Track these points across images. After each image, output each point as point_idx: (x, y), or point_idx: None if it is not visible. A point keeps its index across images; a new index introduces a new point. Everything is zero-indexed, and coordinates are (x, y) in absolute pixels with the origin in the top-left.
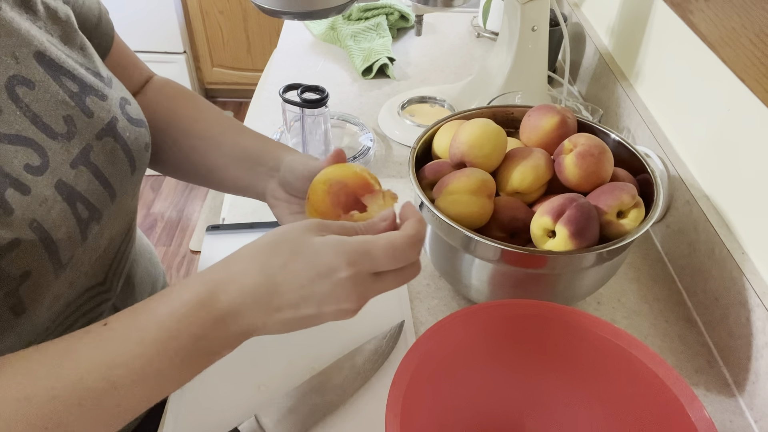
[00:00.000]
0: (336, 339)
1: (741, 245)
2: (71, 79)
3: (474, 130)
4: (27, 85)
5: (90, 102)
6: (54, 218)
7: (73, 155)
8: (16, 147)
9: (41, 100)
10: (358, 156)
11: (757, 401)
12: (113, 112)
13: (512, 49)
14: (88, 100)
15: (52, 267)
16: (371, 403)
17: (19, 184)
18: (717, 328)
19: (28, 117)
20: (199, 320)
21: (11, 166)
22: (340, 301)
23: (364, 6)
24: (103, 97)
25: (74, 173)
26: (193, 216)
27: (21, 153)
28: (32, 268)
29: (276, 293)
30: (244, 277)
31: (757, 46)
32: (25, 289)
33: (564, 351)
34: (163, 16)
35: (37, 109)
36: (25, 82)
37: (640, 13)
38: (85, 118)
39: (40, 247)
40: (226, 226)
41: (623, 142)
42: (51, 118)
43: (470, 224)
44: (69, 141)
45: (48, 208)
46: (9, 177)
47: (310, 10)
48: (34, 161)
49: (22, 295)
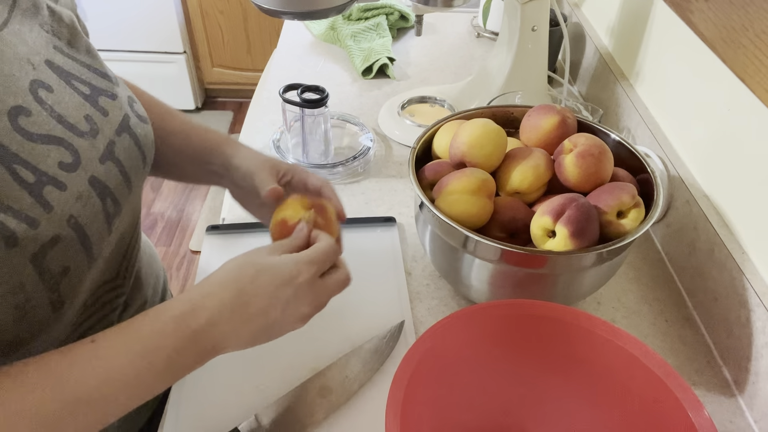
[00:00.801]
0: (336, 339)
1: (741, 245)
2: (81, 83)
3: (474, 130)
4: (47, 89)
5: (103, 102)
6: (88, 213)
7: (101, 151)
8: (48, 146)
9: (61, 102)
10: (358, 156)
11: (757, 401)
12: (124, 110)
13: (512, 49)
14: (101, 100)
15: (86, 261)
16: (371, 403)
17: (56, 181)
18: (717, 328)
19: (54, 117)
20: (179, 334)
21: (46, 164)
22: (299, 304)
23: (364, 6)
24: (113, 96)
25: (104, 168)
26: (193, 216)
27: (54, 151)
28: (71, 264)
29: (248, 303)
30: (221, 291)
31: (757, 46)
32: (65, 285)
33: (564, 351)
34: (163, 16)
35: (60, 110)
36: (44, 86)
37: (640, 13)
38: (103, 117)
39: (77, 242)
40: (226, 226)
41: (623, 142)
42: (74, 118)
43: (470, 224)
44: (94, 138)
45: (83, 203)
46: (46, 175)
47: (310, 10)
48: (66, 159)
49: (62, 291)
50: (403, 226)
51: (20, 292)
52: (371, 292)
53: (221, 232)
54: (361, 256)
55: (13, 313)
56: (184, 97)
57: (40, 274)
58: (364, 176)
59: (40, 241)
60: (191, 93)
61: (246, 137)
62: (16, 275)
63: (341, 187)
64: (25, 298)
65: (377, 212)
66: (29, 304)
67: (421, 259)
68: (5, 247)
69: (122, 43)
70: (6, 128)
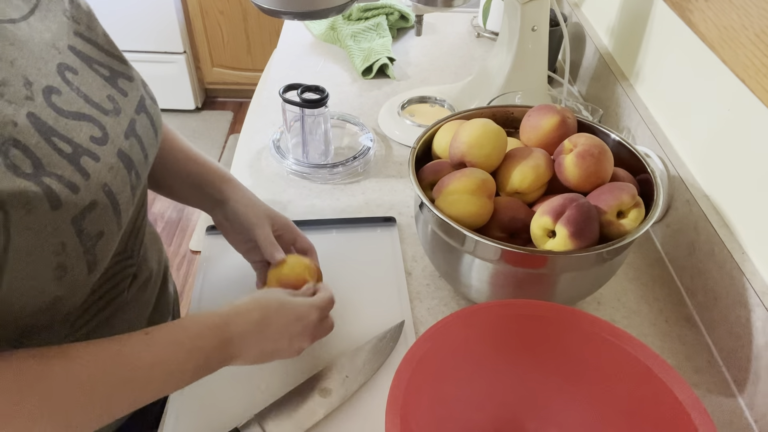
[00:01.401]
0: (336, 339)
1: (741, 245)
2: (101, 66)
3: (474, 130)
4: (72, 71)
5: (121, 83)
6: (118, 183)
7: (125, 127)
8: (79, 122)
9: (85, 83)
10: (358, 156)
11: (757, 401)
12: (140, 91)
13: (512, 49)
14: (120, 81)
15: (116, 228)
16: (371, 403)
17: (90, 152)
18: (717, 328)
19: (81, 96)
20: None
21: (80, 138)
22: (302, 339)
23: (364, 6)
24: (130, 78)
25: (128, 143)
26: (193, 216)
27: (85, 127)
28: (105, 228)
29: (269, 326)
30: (251, 312)
31: (757, 46)
32: (100, 247)
33: (564, 351)
34: (163, 16)
35: (86, 91)
36: (70, 68)
37: (640, 13)
38: (123, 97)
39: (110, 208)
40: None
41: (623, 142)
42: (98, 98)
43: (470, 224)
44: (118, 116)
45: (115, 173)
46: (81, 147)
47: (310, 10)
48: (96, 134)
49: (96, 253)
50: (403, 226)
51: (62, 252)
52: (371, 292)
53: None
54: (361, 256)
55: (54, 273)
56: (184, 97)
57: (79, 235)
58: (364, 176)
59: (80, 206)
60: (191, 93)
61: (246, 137)
62: (59, 235)
63: (341, 187)
64: (66, 257)
65: (377, 212)
66: (69, 263)
67: (421, 259)
68: (50, 209)
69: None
70: (42, 104)
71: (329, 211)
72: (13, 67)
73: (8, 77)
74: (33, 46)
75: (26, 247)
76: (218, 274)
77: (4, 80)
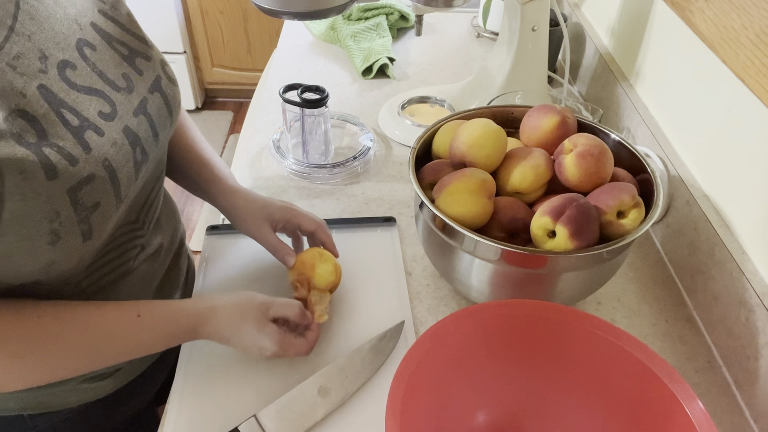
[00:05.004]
0: (336, 339)
1: (741, 245)
2: (121, 45)
3: (474, 130)
4: (91, 47)
5: (139, 62)
6: (120, 158)
7: (135, 105)
8: (90, 97)
9: (102, 60)
10: (358, 156)
11: (757, 401)
12: (157, 71)
13: (512, 49)
14: (137, 61)
15: (114, 201)
16: (371, 403)
17: (96, 127)
18: (717, 328)
19: (96, 73)
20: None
21: (88, 112)
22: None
23: (364, 6)
24: (148, 58)
25: (137, 121)
26: (193, 216)
27: (95, 102)
28: (101, 200)
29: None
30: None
31: (757, 46)
32: (95, 218)
33: (564, 351)
34: (163, 16)
35: (101, 67)
36: (88, 44)
37: (640, 13)
38: (138, 76)
39: (108, 182)
40: (226, 226)
41: (623, 142)
42: (113, 75)
43: (470, 224)
44: (130, 94)
45: (117, 149)
46: (87, 121)
47: (310, 10)
48: (105, 109)
49: (92, 223)
50: (403, 226)
51: (56, 218)
52: (371, 292)
53: (221, 232)
54: (361, 256)
55: (48, 237)
56: (184, 97)
57: (74, 205)
58: (364, 176)
59: (77, 177)
60: (191, 93)
61: (246, 137)
62: (53, 203)
63: (341, 187)
64: (60, 224)
65: (377, 212)
66: (62, 230)
67: (421, 259)
68: (46, 178)
69: None
70: (55, 77)
71: (329, 211)
72: (30, 41)
73: (23, 50)
74: (54, 21)
75: (20, 212)
76: (218, 274)
77: (19, 53)
